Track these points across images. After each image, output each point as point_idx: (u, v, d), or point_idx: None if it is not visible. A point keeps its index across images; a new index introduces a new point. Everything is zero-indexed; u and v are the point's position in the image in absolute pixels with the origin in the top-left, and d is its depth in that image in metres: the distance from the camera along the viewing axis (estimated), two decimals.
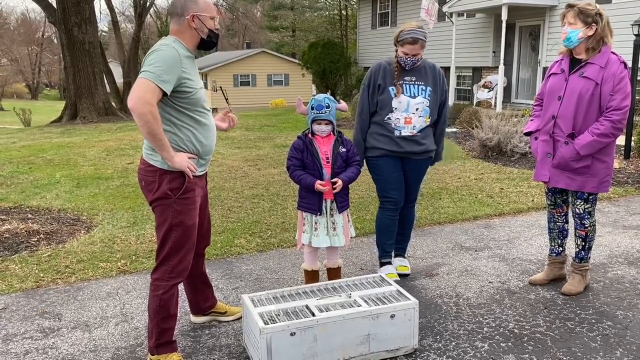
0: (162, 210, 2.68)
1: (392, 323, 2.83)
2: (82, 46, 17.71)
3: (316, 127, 3.39)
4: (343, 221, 3.45)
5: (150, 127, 2.47)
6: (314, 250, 3.54)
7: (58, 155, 9.47)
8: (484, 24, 15.22)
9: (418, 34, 3.53)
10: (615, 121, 3.24)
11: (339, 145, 3.41)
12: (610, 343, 2.97)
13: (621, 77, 3.24)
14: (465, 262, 4.21)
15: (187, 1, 2.67)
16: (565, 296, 3.55)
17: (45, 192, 6.60)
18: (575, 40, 3.31)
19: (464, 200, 5.96)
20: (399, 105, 3.63)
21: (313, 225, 3.42)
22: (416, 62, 3.61)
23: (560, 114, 3.39)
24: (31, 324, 3.29)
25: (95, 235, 4.91)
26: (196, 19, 2.67)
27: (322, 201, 3.38)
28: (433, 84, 3.68)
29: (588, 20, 3.26)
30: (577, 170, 3.38)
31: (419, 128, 3.66)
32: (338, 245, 3.46)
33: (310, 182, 3.33)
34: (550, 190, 3.66)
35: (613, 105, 3.24)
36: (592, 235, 3.56)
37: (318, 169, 3.36)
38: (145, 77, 2.47)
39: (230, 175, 7.44)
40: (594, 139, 3.27)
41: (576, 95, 3.31)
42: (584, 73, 3.32)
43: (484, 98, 14.40)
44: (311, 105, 3.36)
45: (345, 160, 3.43)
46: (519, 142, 8.38)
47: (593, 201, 3.50)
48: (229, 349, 2.98)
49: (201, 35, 2.70)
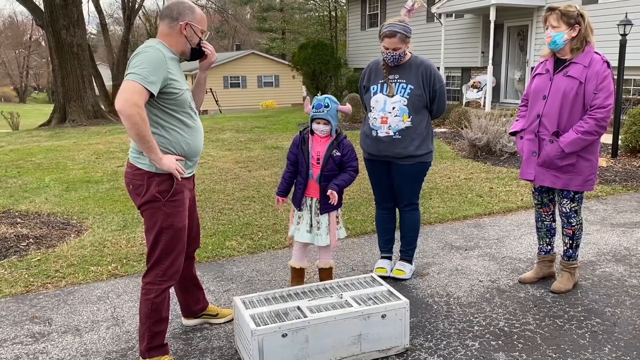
0: (151, 214, 2.68)
1: (383, 323, 2.85)
2: (70, 49, 17.60)
3: (315, 126, 3.42)
4: (329, 222, 3.47)
5: (139, 129, 2.47)
6: (303, 247, 3.58)
7: (47, 158, 9.40)
8: (472, 25, 15.32)
9: (395, 27, 3.49)
10: (599, 119, 3.28)
11: (333, 148, 3.40)
12: (599, 340, 3.01)
13: (604, 75, 3.28)
14: (455, 261, 4.23)
15: (185, 8, 2.68)
16: (554, 294, 3.58)
17: (35, 196, 6.56)
18: (561, 42, 3.34)
19: (454, 200, 6.00)
20: (375, 104, 3.63)
21: (297, 219, 3.53)
22: (397, 57, 3.55)
23: (545, 113, 3.43)
24: (21, 329, 3.27)
25: (85, 239, 4.89)
26: (189, 28, 2.68)
27: (303, 198, 3.47)
28: (416, 81, 3.58)
29: (571, 22, 3.30)
30: (562, 168, 3.42)
31: (396, 128, 3.58)
32: (320, 245, 3.50)
33: (280, 188, 3.54)
34: (536, 190, 3.70)
35: (597, 103, 3.28)
36: (579, 233, 3.60)
37: (305, 168, 3.43)
38: (132, 79, 2.47)
39: (220, 177, 7.43)
40: (578, 137, 3.31)
41: (561, 94, 3.35)
42: (568, 72, 3.36)
43: (473, 98, 14.49)
44: (313, 104, 3.42)
45: (339, 165, 3.42)
46: (507, 142, 8.44)
47: (579, 200, 3.53)
48: (220, 352, 2.98)
49: (190, 45, 2.71)
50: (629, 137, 8.09)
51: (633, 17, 9.54)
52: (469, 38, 15.51)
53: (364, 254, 4.44)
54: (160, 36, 2.70)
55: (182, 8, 2.68)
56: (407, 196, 3.79)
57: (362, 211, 5.62)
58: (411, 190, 3.78)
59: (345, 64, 22.20)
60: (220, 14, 36.59)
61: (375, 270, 3.88)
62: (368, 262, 4.24)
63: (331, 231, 3.48)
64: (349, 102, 13.93)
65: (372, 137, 3.67)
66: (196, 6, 2.76)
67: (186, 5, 2.70)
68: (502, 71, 14.77)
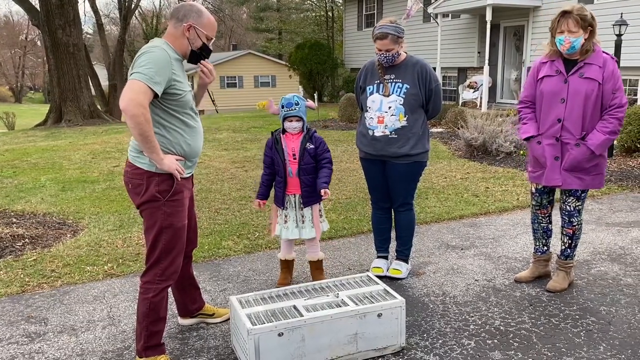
0: (151, 213, 2.68)
1: (379, 322, 2.85)
2: (66, 49, 17.55)
3: (287, 125, 3.55)
4: (313, 215, 3.61)
5: (143, 128, 2.47)
6: (290, 240, 3.74)
7: (43, 158, 9.38)
8: (468, 25, 15.34)
9: (386, 28, 3.50)
10: (620, 118, 3.33)
11: (306, 142, 3.54)
12: (594, 338, 3.02)
13: (618, 75, 3.33)
14: (451, 260, 4.24)
15: (192, 11, 2.68)
16: (550, 293, 3.59)
17: (30, 196, 6.54)
18: (578, 46, 3.34)
19: (450, 200, 6.01)
20: (372, 104, 3.65)
21: (283, 218, 3.64)
22: (391, 58, 3.57)
23: (566, 117, 3.38)
24: (17, 329, 3.27)
25: (81, 238, 4.88)
26: (192, 30, 2.68)
27: (285, 196, 3.60)
28: (411, 80, 3.60)
29: (586, 25, 3.32)
30: (587, 170, 3.43)
31: (392, 128, 3.59)
32: (307, 237, 3.63)
33: (260, 192, 3.70)
34: (537, 191, 3.68)
35: (616, 102, 3.31)
36: (578, 233, 3.61)
37: (282, 166, 3.54)
38: (137, 78, 2.47)
39: (217, 177, 7.43)
40: (607, 137, 3.33)
41: (582, 97, 3.33)
42: (584, 74, 3.34)
43: (470, 98, 14.51)
44: (281, 104, 3.54)
45: (314, 157, 3.57)
46: (504, 142, 8.46)
47: (584, 199, 3.55)
48: (217, 351, 2.99)
49: (191, 47, 2.71)
50: (624, 137, 8.13)
51: (628, 17, 9.58)
52: (465, 38, 15.54)
53: (360, 253, 4.45)
54: (166, 36, 2.70)
55: (188, 10, 2.68)
56: (402, 196, 3.79)
57: (358, 211, 5.63)
58: (406, 190, 3.78)
59: (342, 64, 22.22)
60: (217, 14, 36.55)
61: (372, 269, 3.89)
62: (364, 262, 4.24)
63: (315, 223, 3.62)
64: (345, 102, 13.95)
65: (369, 137, 3.69)
66: (206, 12, 2.75)
67: (194, 9, 2.70)
68: (499, 71, 14.81)
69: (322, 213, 3.71)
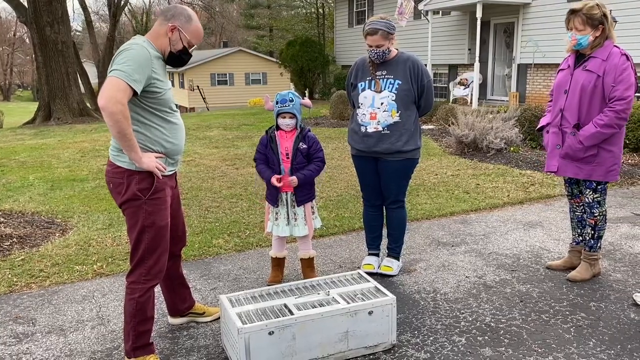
0: (133, 212, 2.65)
1: (370, 319, 2.85)
2: (54, 46, 17.40)
3: (281, 121, 3.53)
4: (305, 213, 3.62)
5: (121, 126, 2.44)
6: (281, 238, 3.74)
7: (31, 157, 9.29)
8: (459, 22, 15.37)
9: (376, 24, 3.52)
10: (619, 111, 3.35)
11: (299, 141, 3.53)
12: (584, 334, 3.03)
13: (623, 68, 3.35)
14: (442, 257, 4.25)
15: (182, 14, 2.66)
16: (546, 290, 3.60)
17: (18, 194, 6.47)
18: (586, 44, 3.43)
19: (441, 197, 6.02)
20: (364, 100, 3.65)
21: (274, 215, 3.64)
22: (382, 54, 3.57)
23: (566, 107, 3.53)
24: (4, 330, 3.23)
25: (70, 238, 4.84)
26: (176, 32, 2.65)
27: (279, 194, 3.58)
28: (403, 76, 3.60)
29: (595, 24, 3.38)
30: (584, 159, 3.51)
31: (385, 124, 3.60)
32: (299, 235, 3.64)
33: (267, 176, 3.56)
34: (566, 181, 3.81)
35: (616, 95, 3.35)
36: (601, 224, 3.67)
37: (276, 164, 3.53)
38: (116, 75, 2.44)
39: (208, 175, 7.39)
40: (597, 131, 3.39)
41: (579, 88, 3.44)
42: (587, 67, 3.44)
43: (460, 95, 14.55)
44: (276, 100, 3.52)
45: (306, 156, 3.56)
46: (494, 139, 8.48)
47: (602, 191, 3.61)
48: (207, 350, 2.97)
49: (171, 48, 2.68)
50: None
51: (617, 14, 9.63)
52: (455, 35, 15.56)
53: (351, 250, 4.44)
54: (149, 33, 2.67)
55: (179, 13, 2.66)
56: (394, 193, 3.79)
57: (349, 208, 5.62)
58: (398, 187, 3.78)
59: (333, 61, 22.19)
60: (207, 11, 36.36)
61: (363, 266, 3.88)
62: (355, 259, 4.24)
63: (308, 221, 3.63)
64: (336, 99, 13.93)
65: (361, 134, 3.68)
66: (197, 19, 2.72)
67: (185, 13, 2.68)
68: (489, 68, 14.85)
69: (314, 210, 3.71)
